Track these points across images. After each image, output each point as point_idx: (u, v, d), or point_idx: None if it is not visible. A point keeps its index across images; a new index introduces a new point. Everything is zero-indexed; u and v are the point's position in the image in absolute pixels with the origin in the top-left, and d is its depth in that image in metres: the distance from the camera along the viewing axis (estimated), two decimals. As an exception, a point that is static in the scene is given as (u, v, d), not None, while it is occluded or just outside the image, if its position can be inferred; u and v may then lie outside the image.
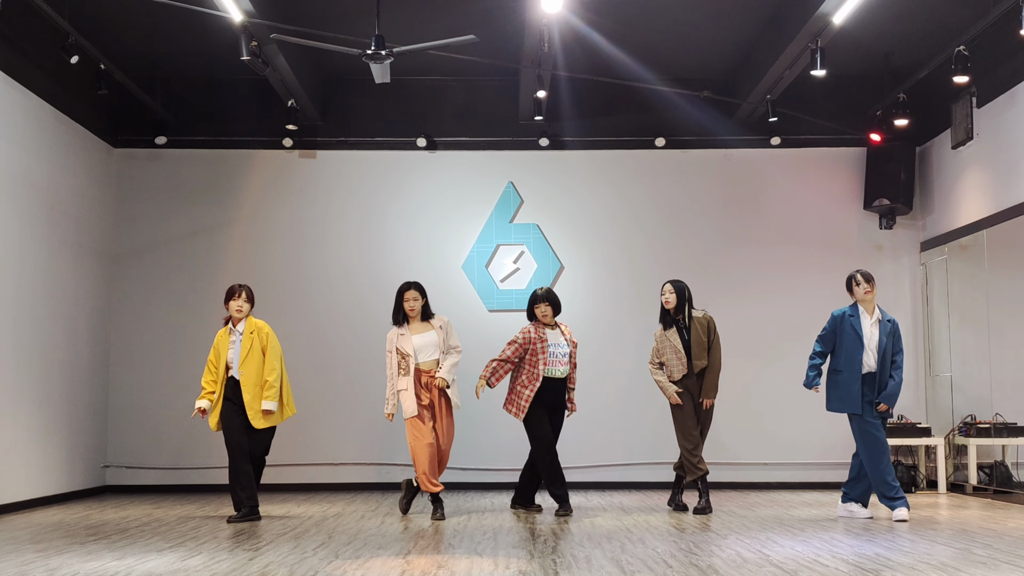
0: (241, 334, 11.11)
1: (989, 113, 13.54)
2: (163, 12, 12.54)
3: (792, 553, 8.41)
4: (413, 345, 11.23)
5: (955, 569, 7.49)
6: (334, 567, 7.77)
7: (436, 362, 11.30)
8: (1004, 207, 13.18)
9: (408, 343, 11.23)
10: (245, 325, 11.17)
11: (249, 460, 11.11)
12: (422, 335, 11.31)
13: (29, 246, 12.68)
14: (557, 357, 11.53)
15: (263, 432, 11.15)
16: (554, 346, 11.55)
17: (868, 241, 15.56)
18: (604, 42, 13.68)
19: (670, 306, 11.87)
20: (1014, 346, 13.56)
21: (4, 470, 12.04)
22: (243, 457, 11.04)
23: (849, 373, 11.01)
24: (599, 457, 14.94)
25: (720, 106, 15.48)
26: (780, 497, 13.61)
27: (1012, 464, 13.53)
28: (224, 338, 11.16)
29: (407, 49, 11.28)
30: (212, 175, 15.58)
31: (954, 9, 12.78)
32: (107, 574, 7.50)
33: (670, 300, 11.86)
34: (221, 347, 11.11)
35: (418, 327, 11.36)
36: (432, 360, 11.30)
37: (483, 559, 8.18)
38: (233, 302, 11.17)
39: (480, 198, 15.65)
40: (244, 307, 11.15)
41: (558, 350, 11.56)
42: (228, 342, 11.12)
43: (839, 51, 13.50)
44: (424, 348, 11.28)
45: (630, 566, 7.75)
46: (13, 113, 12.37)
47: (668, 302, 11.87)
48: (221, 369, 11.06)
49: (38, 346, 12.91)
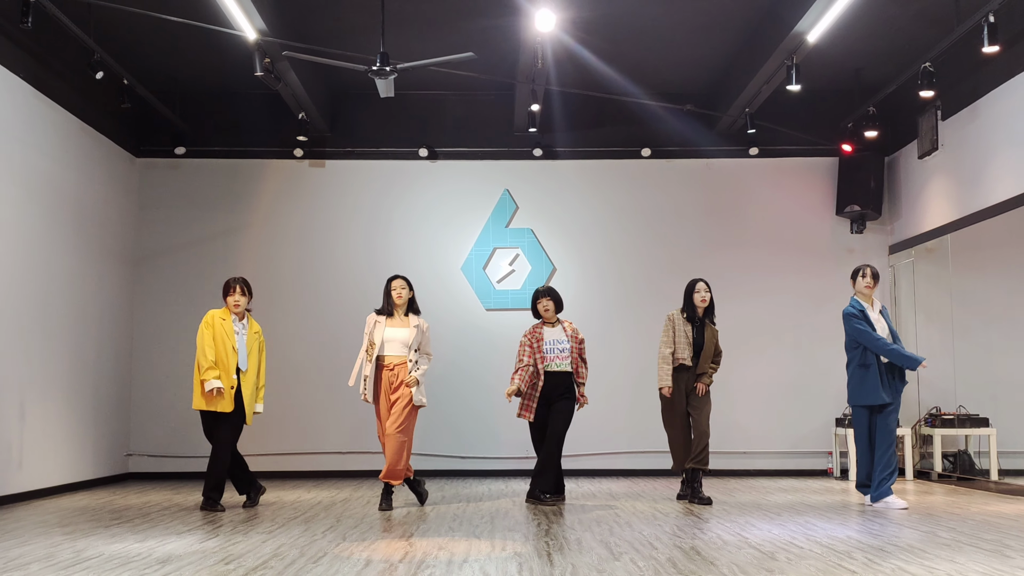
0: (246, 330, 10.80)
1: (953, 125, 13.55)
2: (182, 31, 12.54)
3: (769, 536, 8.41)
4: (383, 336, 10.73)
5: (921, 551, 7.49)
6: (341, 549, 7.76)
7: (403, 360, 10.72)
8: (967, 213, 13.20)
9: (379, 333, 10.76)
10: (249, 324, 10.85)
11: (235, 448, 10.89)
12: (396, 328, 10.78)
13: (56, 249, 12.68)
14: (555, 352, 11.21)
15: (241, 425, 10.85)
16: (550, 343, 11.26)
17: (840, 245, 15.57)
18: (594, 59, 13.70)
19: (704, 305, 11.32)
20: (976, 343, 13.58)
21: (34, 458, 12.04)
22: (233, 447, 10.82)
23: (876, 366, 10.65)
24: (589, 446, 14.93)
25: (702, 118, 15.48)
26: (758, 484, 13.60)
27: (974, 453, 13.55)
28: (227, 326, 10.64)
29: (410, 65, 11.27)
30: (228, 183, 15.58)
31: (920, 28, 12.79)
32: (130, 555, 7.49)
33: (706, 299, 11.31)
34: (226, 333, 10.59)
35: (398, 321, 10.83)
36: (397, 356, 10.72)
37: (481, 542, 8.18)
38: (231, 297, 10.72)
39: (478, 204, 15.66)
40: (242, 301, 10.71)
41: (556, 346, 11.24)
42: (232, 331, 10.64)
43: (813, 67, 13.53)
44: (392, 342, 10.72)
45: (618, 548, 7.75)
46: (42, 125, 12.36)
47: (704, 300, 11.30)
48: (229, 357, 10.56)
49: (66, 343, 12.90)
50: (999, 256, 12.86)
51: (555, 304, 11.48)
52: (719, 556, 7.30)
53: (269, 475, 14.83)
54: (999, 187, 12.42)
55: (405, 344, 10.73)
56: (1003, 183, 12.32)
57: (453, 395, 15.04)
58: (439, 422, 14.84)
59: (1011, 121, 12.14)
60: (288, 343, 15.19)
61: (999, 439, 12.90)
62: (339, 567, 6.88)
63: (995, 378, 13.35)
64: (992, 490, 12.32)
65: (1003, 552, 7.40)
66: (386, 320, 10.84)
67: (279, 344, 15.08)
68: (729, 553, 7.45)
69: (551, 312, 11.43)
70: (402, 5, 12.39)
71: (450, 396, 14.99)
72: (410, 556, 7.38)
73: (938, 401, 14.03)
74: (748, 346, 15.02)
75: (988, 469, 12.93)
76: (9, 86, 11.59)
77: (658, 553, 7.46)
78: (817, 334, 15.01)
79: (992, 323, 13.44)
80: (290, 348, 15.21)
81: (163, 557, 7.38)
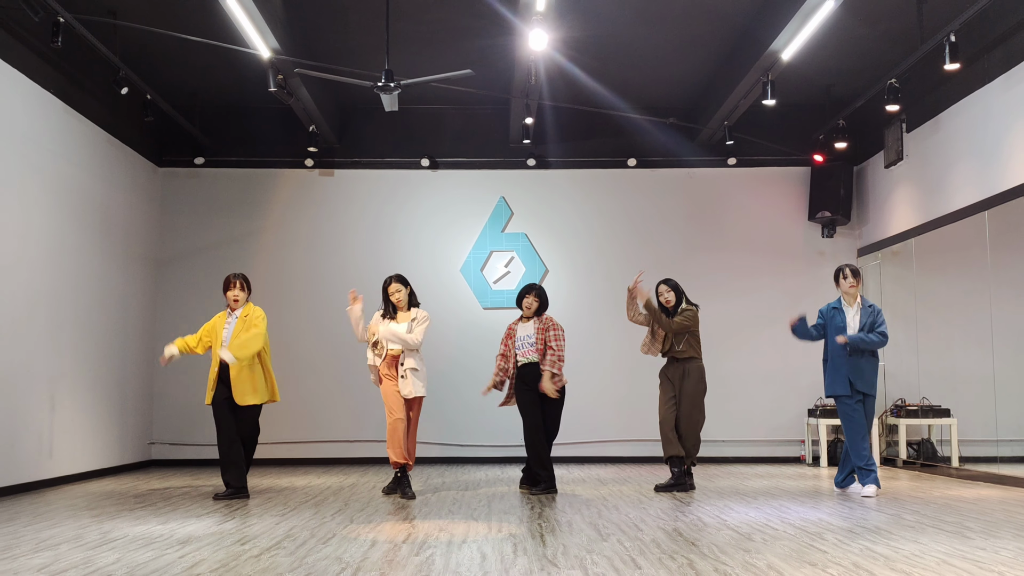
0: (236, 318, 10.33)
1: (917, 137, 13.57)
2: (201, 50, 12.53)
3: (746, 518, 8.42)
4: (383, 333, 10.41)
5: (888, 532, 7.51)
6: (349, 530, 7.77)
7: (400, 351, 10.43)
8: (930, 219, 13.22)
9: (383, 327, 10.45)
10: (242, 311, 10.36)
11: (239, 439, 10.23)
12: (393, 324, 10.48)
13: (85, 251, 12.68)
14: (525, 347, 10.84)
15: (248, 412, 10.21)
16: (521, 339, 10.89)
17: (812, 248, 15.60)
18: (583, 76, 13.71)
19: (671, 304, 11.17)
20: (939, 339, 13.59)
21: (64, 446, 12.04)
22: (231, 436, 10.17)
23: (837, 359, 10.61)
24: (579, 435, 14.94)
25: (684, 131, 15.50)
26: (736, 470, 13.62)
27: (936, 441, 13.56)
28: (221, 320, 10.39)
29: (412, 82, 11.28)
30: (243, 191, 15.58)
31: (886, 47, 12.81)
32: (152, 536, 7.50)
33: (670, 300, 11.17)
34: (217, 327, 10.32)
35: (401, 316, 10.58)
36: (396, 348, 10.43)
37: (479, 524, 8.18)
38: (230, 292, 10.35)
39: (476, 210, 15.67)
40: (240, 296, 10.34)
41: (526, 341, 10.85)
42: (224, 324, 10.32)
43: (787, 83, 13.55)
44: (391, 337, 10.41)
45: (606, 529, 7.76)
46: (72, 137, 12.37)
47: (668, 302, 11.17)
48: (214, 343, 10.28)
49: (93, 340, 12.91)
50: (959, 259, 12.88)
51: (540, 302, 11.03)
52: (700, 537, 7.31)
53: (282, 462, 14.88)
54: (959, 195, 12.44)
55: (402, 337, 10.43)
56: (963, 191, 12.35)
57: (452, 388, 15.03)
58: (440, 413, 14.84)
59: (970, 133, 12.16)
60: (298, 339, 15.21)
61: (959, 428, 12.91)
62: (347, 547, 6.89)
63: (956, 372, 13.36)
64: (953, 476, 12.34)
65: (963, 533, 7.42)
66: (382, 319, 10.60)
67: (290, 340, 15.11)
68: (709, 534, 7.46)
69: (532, 309, 10.98)
70: (405, 26, 12.40)
71: (449, 389, 14.98)
72: (413, 537, 7.39)
73: (903, 393, 14.06)
74: (727, 342, 15.04)
75: (949, 456, 12.94)
76: (41, 101, 11.60)
77: (643, 534, 7.47)
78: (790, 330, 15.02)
79: (953, 321, 13.45)
80: (300, 344, 15.23)
81: (183, 538, 7.39)
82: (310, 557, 6.48)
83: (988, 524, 7.93)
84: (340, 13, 12.20)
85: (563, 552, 6.64)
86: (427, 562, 6.27)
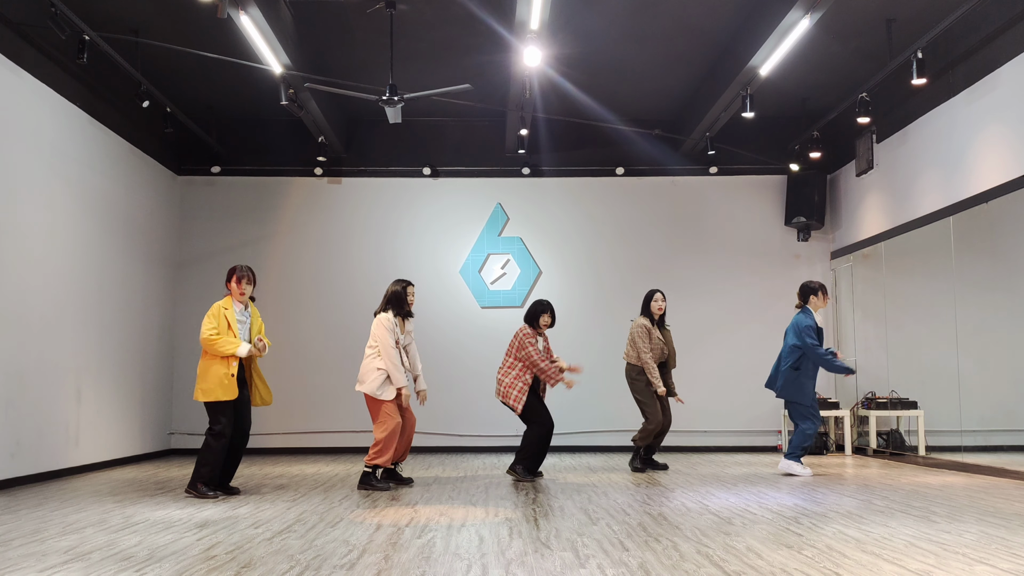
0: (249, 319, 9.28)
1: (886, 148, 13.57)
2: (218, 65, 12.52)
3: (727, 503, 8.42)
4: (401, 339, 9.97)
5: (859, 516, 7.51)
6: (356, 515, 7.76)
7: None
8: (898, 223, 13.23)
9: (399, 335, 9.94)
10: (252, 310, 9.34)
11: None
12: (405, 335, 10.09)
13: (108, 255, 12.67)
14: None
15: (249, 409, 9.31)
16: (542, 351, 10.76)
17: (788, 251, 15.60)
18: (575, 90, 13.71)
19: (662, 312, 11.66)
20: (907, 336, 13.60)
21: (89, 436, 12.02)
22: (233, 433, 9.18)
23: (813, 370, 10.89)
24: (570, 426, 14.94)
25: (668, 141, 15.50)
26: (716, 459, 13.61)
27: (904, 431, 13.57)
28: (231, 313, 9.08)
29: (415, 95, 11.28)
30: (257, 198, 15.57)
31: (858, 63, 12.81)
32: (172, 520, 7.49)
33: (663, 307, 11.64)
34: (231, 320, 9.04)
35: (406, 325, 10.14)
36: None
37: (476, 508, 8.17)
38: (244, 285, 9.19)
39: (474, 216, 15.66)
40: (248, 289, 9.22)
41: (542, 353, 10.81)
42: (235, 319, 9.09)
43: (765, 97, 13.57)
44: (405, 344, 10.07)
45: (595, 514, 7.75)
46: (96, 147, 12.36)
47: (662, 308, 11.60)
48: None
49: (116, 336, 12.89)
50: (926, 261, 12.88)
51: (553, 321, 10.94)
52: (683, 521, 7.31)
53: (292, 451, 14.87)
54: (925, 201, 12.45)
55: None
56: (929, 198, 12.35)
57: (452, 381, 15.04)
58: (440, 405, 14.83)
59: (936, 144, 12.16)
60: (307, 336, 15.20)
61: (926, 420, 12.91)
62: (354, 531, 6.88)
63: (923, 367, 13.37)
64: (920, 464, 12.33)
65: (929, 518, 7.41)
66: (399, 322, 9.99)
67: (299, 337, 15.11)
68: (692, 518, 7.45)
69: (546, 326, 10.90)
70: (408, 43, 12.39)
71: (449, 382, 15.00)
72: (415, 521, 7.38)
73: (873, 386, 14.06)
74: (708, 338, 15.06)
75: (917, 446, 12.95)
76: (67, 113, 11.59)
77: (630, 518, 7.47)
78: (768, 328, 15.00)
79: (920, 319, 13.46)
80: (309, 341, 15.22)
81: (201, 522, 7.38)
82: (319, 540, 6.47)
83: (953, 509, 7.93)
84: (347, 31, 12.19)
85: (556, 535, 6.63)
86: (428, 544, 6.26)
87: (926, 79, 11.09)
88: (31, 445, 10.59)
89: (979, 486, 9.72)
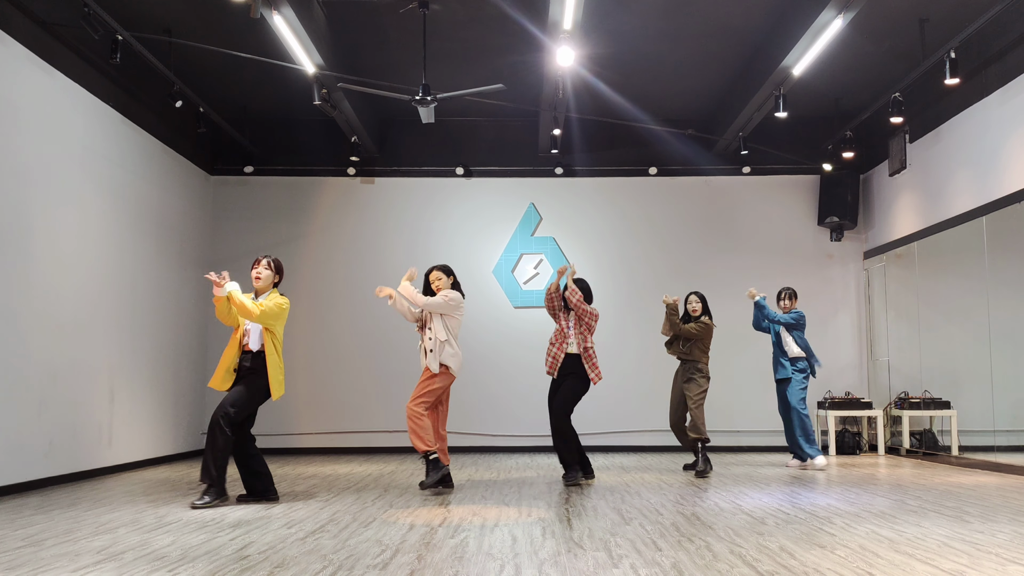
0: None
1: (919, 147, 13.50)
2: (251, 65, 12.59)
3: (760, 503, 8.40)
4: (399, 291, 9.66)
5: (892, 516, 7.47)
6: (389, 515, 7.78)
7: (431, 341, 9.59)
8: (931, 223, 13.16)
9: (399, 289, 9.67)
10: (268, 297, 8.81)
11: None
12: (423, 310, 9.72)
13: (141, 254, 12.75)
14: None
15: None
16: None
17: (820, 251, 15.54)
18: (607, 90, 13.70)
19: (696, 313, 11.68)
20: (940, 336, 13.52)
21: (122, 436, 12.11)
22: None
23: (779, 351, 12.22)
24: (603, 425, 14.94)
25: (701, 141, 15.46)
26: (750, 458, 13.57)
27: (937, 431, 13.49)
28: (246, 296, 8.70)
29: (448, 95, 11.30)
30: (290, 197, 15.64)
31: (891, 63, 12.75)
32: (205, 520, 7.53)
33: (696, 309, 11.67)
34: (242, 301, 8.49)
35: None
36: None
37: (509, 508, 8.18)
38: (252, 270, 8.95)
39: (507, 216, 15.67)
40: (263, 274, 8.85)
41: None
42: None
43: (798, 97, 13.51)
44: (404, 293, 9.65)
45: (628, 514, 7.75)
46: (130, 148, 12.44)
47: (695, 311, 11.67)
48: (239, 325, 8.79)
49: (149, 336, 12.98)
50: (959, 261, 12.81)
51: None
52: (716, 521, 7.30)
53: (325, 451, 14.93)
54: (958, 201, 12.38)
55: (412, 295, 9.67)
56: (962, 198, 12.28)
57: (485, 382, 15.06)
58: (473, 405, 14.87)
59: (969, 144, 12.09)
60: (340, 336, 15.26)
61: (959, 420, 12.85)
62: (387, 531, 6.90)
63: (956, 367, 13.30)
64: (953, 464, 12.26)
65: (962, 517, 7.37)
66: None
67: (331, 337, 15.16)
68: (725, 518, 7.44)
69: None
70: (441, 44, 12.42)
71: (482, 382, 15.02)
72: (448, 521, 7.40)
73: (906, 386, 13.98)
74: (742, 339, 14.98)
75: (949, 446, 12.88)
76: (100, 113, 11.67)
77: (663, 519, 7.46)
78: (801, 329, 14.96)
79: (953, 319, 13.38)
80: (342, 340, 15.27)
81: (234, 522, 7.42)
82: (352, 540, 6.49)
83: (986, 509, 7.88)
84: (380, 31, 12.22)
85: (588, 535, 6.63)
86: (462, 544, 6.27)
87: (959, 79, 11.02)
88: (64, 445, 10.67)
89: (1012, 486, 9.65)
